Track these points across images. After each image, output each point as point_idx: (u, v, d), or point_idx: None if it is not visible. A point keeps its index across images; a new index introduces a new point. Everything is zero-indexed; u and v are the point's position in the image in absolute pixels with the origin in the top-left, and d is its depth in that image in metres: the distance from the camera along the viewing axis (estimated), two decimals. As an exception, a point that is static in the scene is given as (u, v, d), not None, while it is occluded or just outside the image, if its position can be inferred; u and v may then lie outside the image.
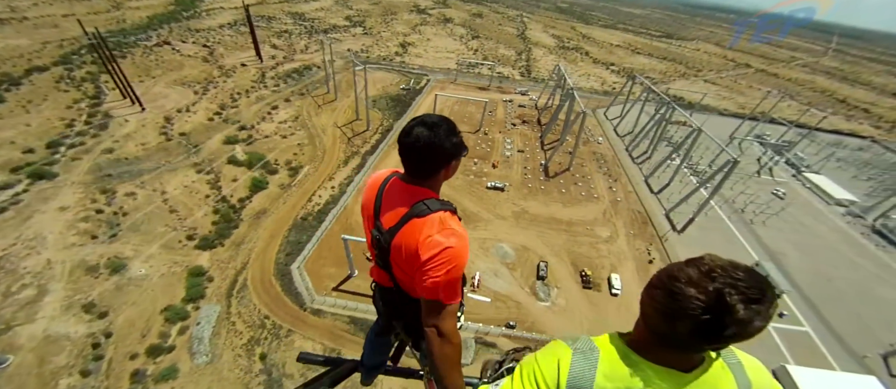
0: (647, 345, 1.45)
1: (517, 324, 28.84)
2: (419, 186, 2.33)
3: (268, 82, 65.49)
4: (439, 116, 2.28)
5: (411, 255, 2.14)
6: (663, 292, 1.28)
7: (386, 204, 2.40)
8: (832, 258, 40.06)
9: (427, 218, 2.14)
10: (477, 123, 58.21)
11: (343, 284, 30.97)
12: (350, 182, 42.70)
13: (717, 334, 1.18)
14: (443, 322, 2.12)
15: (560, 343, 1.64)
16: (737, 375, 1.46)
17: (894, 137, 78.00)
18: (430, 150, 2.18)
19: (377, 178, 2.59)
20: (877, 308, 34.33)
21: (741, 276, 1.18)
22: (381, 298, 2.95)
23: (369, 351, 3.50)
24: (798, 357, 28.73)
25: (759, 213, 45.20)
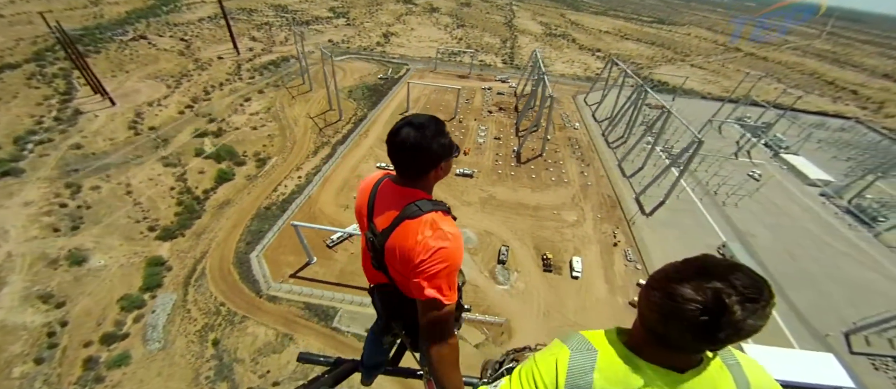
0: (646, 345, 1.45)
1: (472, 308, 28.87)
2: (410, 187, 2.30)
3: (243, 74, 64.94)
4: (427, 117, 2.24)
5: (405, 257, 2.14)
6: (661, 293, 1.27)
7: (379, 207, 2.38)
8: (801, 238, 39.92)
9: (419, 220, 2.12)
10: (452, 111, 57.74)
11: (301, 271, 30.98)
12: (317, 171, 42.51)
13: (714, 334, 1.19)
14: (437, 321, 2.11)
15: (559, 343, 1.63)
16: (735, 375, 1.45)
17: (880, 118, 77.32)
18: (417, 151, 2.15)
19: (369, 181, 2.56)
20: (842, 287, 34.29)
21: (738, 276, 1.17)
22: (379, 299, 2.93)
23: (369, 352, 3.48)
24: (757, 336, 28.75)
25: (732, 195, 44.97)
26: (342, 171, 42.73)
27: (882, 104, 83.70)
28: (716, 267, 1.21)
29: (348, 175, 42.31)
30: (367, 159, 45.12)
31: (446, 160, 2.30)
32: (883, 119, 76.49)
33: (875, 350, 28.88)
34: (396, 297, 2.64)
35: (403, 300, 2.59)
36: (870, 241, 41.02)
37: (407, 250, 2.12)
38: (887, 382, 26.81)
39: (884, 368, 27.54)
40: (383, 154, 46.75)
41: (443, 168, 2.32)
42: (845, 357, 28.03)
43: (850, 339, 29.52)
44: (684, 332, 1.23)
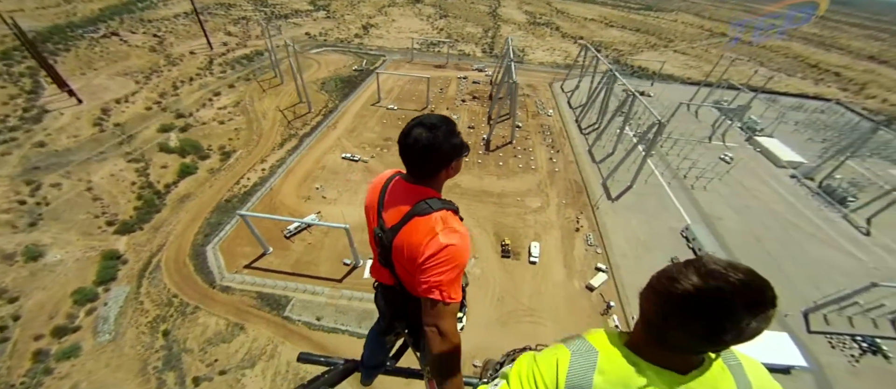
0: (647, 346, 1.44)
1: (426, 293, 28.86)
2: (421, 186, 2.33)
3: (214, 69, 64.19)
4: (439, 117, 2.25)
5: (412, 254, 2.15)
6: (663, 294, 1.27)
7: (388, 203, 2.40)
8: (768, 220, 39.94)
9: (429, 217, 2.14)
10: (425, 101, 57.29)
11: (256, 262, 30.88)
12: (282, 163, 42.23)
13: (716, 335, 1.18)
14: (442, 321, 2.10)
15: (559, 344, 1.63)
16: (737, 376, 1.44)
17: (861, 99, 77.13)
18: (429, 152, 2.17)
19: (380, 179, 2.58)
20: (805, 266, 34.39)
21: (741, 278, 1.15)
22: (382, 297, 2.93)
23: (370, 351, 3.47)
24: None
25: (701, 178, 44.90)
26: (306, 163, 42.44)
27: (864, 85, 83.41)
28: (719, 268, 1.19)
29: (312, 166, 42.03)
30: (333, 150, 44.81)
31: (457, 159, 2.30)
32: (863, 100, 76.27)
33: (833, 328, 29.05)
34: (401, 296, 2.64)
35: (408, 299, 2.59)
36: (837, 222, 41.11)
37: (415, 247, 2.13)
38: (842, 359, 26.97)
39: (840, 346, 27.70)
40: (350, 145, 46.51)
41: (453, 167, 2.34)
42: (802, 336, 28.23)
43: (808, 318, 29.66)
44: (687, 333, 1.23)
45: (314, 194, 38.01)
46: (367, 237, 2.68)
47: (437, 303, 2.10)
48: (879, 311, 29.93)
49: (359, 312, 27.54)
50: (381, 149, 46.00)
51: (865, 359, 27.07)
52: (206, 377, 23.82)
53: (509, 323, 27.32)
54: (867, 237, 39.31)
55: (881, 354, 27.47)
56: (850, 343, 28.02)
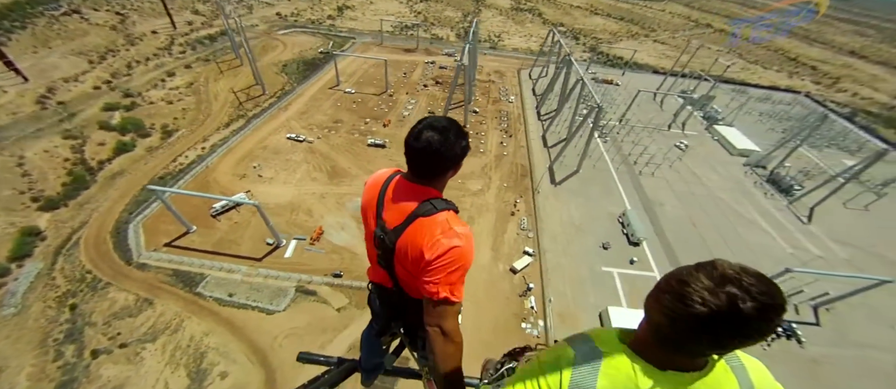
0: (652, 348, 1.42)
1: (344, 274, 28.67)
2: (424, 186, 2.31)
3: (174, 49, 62.75)
4: (447, 119, 2.24)
5: (418, 255, 2.13)
6: (673, 296, 1.26)
7: (389, 204, 2.37)
8: (710, 207, 39.84)
9: (433, 218, 2.13)
10: (384, 85, 56.39)
11: (178, 240, 30.49)
12: (224, 142, 41.54)
13: (726, 339, 1.19)
14: (446, 321, 2.09)
15: (563, 344, 1.62)
16: (740, 378, 1.43)
17: (831, 92, 76.78)
18: (439, 155, 2.16)
19: (379, 178, 2.59)
20: (738, 252, 34.32)
21: (753, 281, 1.16)
22: (378, 299, 2.88)
23: (366, 354, 3.45)
24: (635, 301, 28.79)
25: (650, 164, 44.65)
26: (249, 143, 41.75)
27: (838, 79, 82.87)
28: (729, 270, 1.19)
29: (254, 146, 41.36)
30: (279, 131, 44.07)
31: (460, 163, 2.30)
32: (834, 93, 75.91)
33: None
34: (398, 297, 2.62)
35: (405, 300, 2.58)
36: (781, 209, 41.12)
37: (419, 247, 2.11)
38: (755, 347, 27.10)
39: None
40: (298, 126, 45.81)
41: (457, 168, 2.33)
42: None
43: None
44: (694, 336, 1.22)
45: (250, 173, 37.46)
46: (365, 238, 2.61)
47: (441, 304, 2.09)
48: (801, 297, 30.03)
49: (273, 290, 27.31)
50: (329, 130, 45.31)
51: (778, 344, 27.20)
52: (106, 349, 23.61)
53: (424, 302, 27.16)
54: (807, 225, 39.39)
55: (795, 339, 27.64)
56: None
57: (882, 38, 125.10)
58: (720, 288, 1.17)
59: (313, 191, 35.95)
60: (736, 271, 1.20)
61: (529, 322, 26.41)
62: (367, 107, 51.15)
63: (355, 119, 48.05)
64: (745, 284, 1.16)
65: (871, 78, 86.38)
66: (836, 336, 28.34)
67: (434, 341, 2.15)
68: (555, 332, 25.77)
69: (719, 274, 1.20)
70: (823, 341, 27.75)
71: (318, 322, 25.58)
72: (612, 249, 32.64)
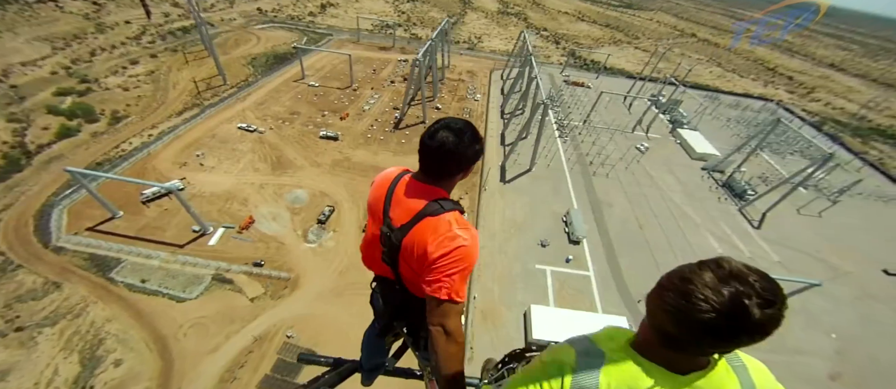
0: (653, 347, 1.41)
1: (266, 263, 28.03)
2: (433, 186, 2.29)
3: (144, 39, 62.36)
4: (464, 122, 2.23)
5: (422, 254, 2.13)
6: (676, 295, 1.23)
7: (396, 202, 2.36)
8: (660, 209, 39.45)
9: (440, 217, 2.13)
10: (349, 80, 56.11)
11: (102, 225, 29.78)
12: (173, 130, 40.96)
13: (729, 338, 1.17)
14: (449, 320, 2.10)
15: (565, 345, 1.61)
16: (741, 378, 1.43)
17: (805, 101, 77.11)
18: (453, 156, 2.16)
19: (387, 176, 2.53)
20: (680, 255, 33.91)
21: (756, 280, 1.15)
22: (381, 297, 2.87)
23: (367, 354, 3.44)
24: (564, 299, 28.19)
25: (605, 165, 44.36)
26: (197, 131, 41.19)
27: (812, 90, 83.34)
28: (733, 268, 1.17)
29: (202, 134, 40.81)
30: (232, 120, 43.56)
31: (472, 165, 2.26)
32: (807, 102, 76.22)
33: None
34: (401, 296, 2.61)
35: (408, 299, 2.57)
36: (732, 214, 40.79)
37: (425, 246, 2.11)
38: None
39: None
40: (253, 116, 45.34)
41: (469, 170, 2.30)
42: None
43: None
44: (698, 335, 1.20)
45: (192, 161, 36.85)
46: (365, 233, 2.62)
47: (444, 303, 2.09)
48: None
49: (188, 277, 26.62)
50: (284, 121, 44.84)
51: None
52: (1, 332, 22.79)
53: (345, 294, 26.55)
54: (756, 229, 39.05)
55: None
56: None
57: (864, 53, 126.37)
58: (724, 285, 1.13)
59: (253, 180, 35.37)
60: (740, 268, 1.17)
61: (449, 317, 25.73)
62: (328, 101, 50.77)
63: (313, 111, 47.64)
64: (749, 281, 1.13)
65: (846, 89, 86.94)
66: (771, 341, 27.54)
67: (437, 340, 2.14)
68: (473, 329, 25.14)
69: (724, 272, 1.16)
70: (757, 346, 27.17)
71: (228, 311, 24.88)
72: (550, 247, 32.12)
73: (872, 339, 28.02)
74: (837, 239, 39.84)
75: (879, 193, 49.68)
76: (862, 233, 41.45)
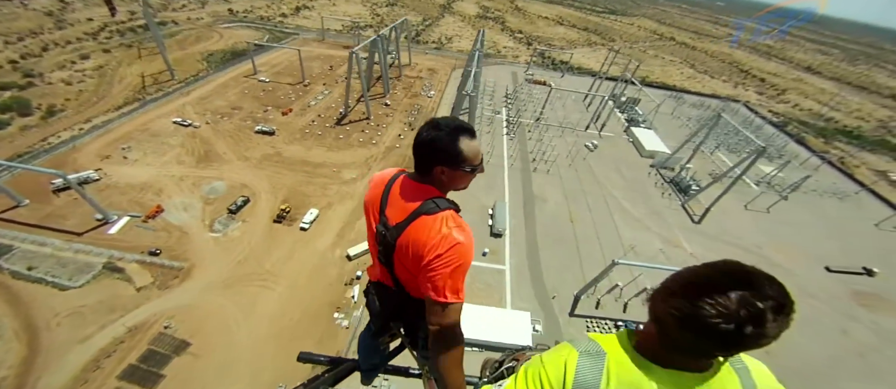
0: (657, 349, 1.40)
1: (163, 252, 27.21)
2: (425, 184, 2.27)
3: (101, 35, 62.34)
4: (453, 119, 2.23)
5: (418, 252, 2.11)
6: (683, 299, 1.21)
7: (393, 201, 2.33)
8: (597, 204, 38.62)
9: (435, 216, 2.11)
10: (300, 75, 55.81)
11: (4, 213, 29.02)
12: (106, 124, 40.43)
13: (735, 343, 1.15)
14: (447, 320, 2.10)
15: (567, 345, 1.59)
16: (743, 379, 1.43)
17: (773, 103, 76.69)
18: (431, 149, 2.17)
19: (384, 176, 2.49)
20: (609, 250, 32.88)
21: (764, 283, 1.14)
22: (377, 297, 2.75)
23: (364, 355, 3.38)
24: (473, 293, 26.98)
25: (548, 162, 43.67)
26: (130, 126, 40.68)
27: (783, 91, 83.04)
28: (741, 273, 1.15)
29: (135, 128, 40.28)
30: (169, 115, 43.06)
31: (451, 166, 2.17)
32: (775, 104, 75.80)
33: (604, 312, 27.53)
34: (398, 296, 2.58)
35: (405, 299, 2.54)
36: (674, 209, 39.96)
37: (421, 245, 2.10)
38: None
39: (595, 329, 26.17)
40: (192, 111, 45.01)
41: (451, 174, 2.22)
42: (562, 318, 26.76)
43: (579, 300, 28.09)
44: (704, 339, 1.17)
45: (116, 154, 36.24)
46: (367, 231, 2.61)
47: (442, 302, 2.07)
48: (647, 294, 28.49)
49: (79, 265, 25.79)
50: (223, 116, 44.36)
51: None
52: None
53: (236, 285, 25.66)
54: (696, 224, 38.17)
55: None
56: (610, 325, 26.48)
57: (844, 58, 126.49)
58: (731, 290, 1.12)
59: (174, 173, 34.69)
60: (747, 273, 1.14)
61: (343, 312, 24.82)
62: (275, 96, 50.37)
63: (256, 107, 47.18)
64: (757, 286, 1.11)
65: (818, 91, 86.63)
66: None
67: (436, 339, 2.13)
68: (364, 325, 24.17)
69: (730, 276, 1.14)
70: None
71: (111, 300, 23.98)
72: (469, 240, 31.22)
73: (807, 342, 26.54)
74: (782, 235, 38.94)
75: (835, 190, 48.86)
76: (810, 230, 40.59)
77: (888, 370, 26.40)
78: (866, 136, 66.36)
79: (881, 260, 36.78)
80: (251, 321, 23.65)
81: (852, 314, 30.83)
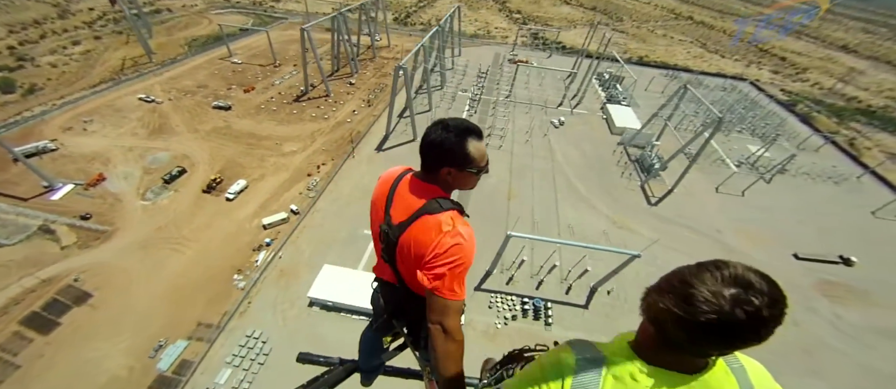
0: (652, 348, 1.44)
1: (94, 217, 28.62)
2: (430, 184, 2.35)
3: (98, 24, 65.92)
4: (463, 121, 2.28)
5: (419, 251, 2.19)
6: (677, 297, 1.23)
7: (397, 200, 2.42)
8: (545, 181, 36.64)
9: (438, 216, 2.18)
10: (272, 57, 56.56)
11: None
12: (80, 99, 42.85)
13: (730, 341, 1.18)
14: (448, 319, 2.16)
15: (565, 347, 1.65)
16: (739, 379, 1.44)
17: (788, 82, 69.48)
18: (438, 149, 2.22)
19: (391, 174, 2.60)
20: (540, 227, 31.37)
21: (757, 281, 1.15)
22: (382, 295, 2.97)
23: (366, 355, 3.57)
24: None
25: (505, 138, 41.95)
26: (98, 102, 42.91)
27: (805, 70, 74.93)
28: (734, 271, 1.17)
29: (102, 104, 42.47)
30: (137, 93, 44.95)
31: (458, 168, 2.23)
32: (790, 83, 68.60)
33: (513, 288, 26.26)
34: (401, 294, 2.67)
35: (409, 297, 2.62)
36: (631, 189, 37.29)
37: (422, 244, 2.15)
38: (488, 320, 24.11)
39: (496, 306, 25.00)
40: (160, 89, 46.75)
41: (457, 175, 2.27)
42: (468, 292, 25.75)
43: (490, 275, 26.86)
44: (698, 338, 1.20)
45: (77, 126, 38.39)
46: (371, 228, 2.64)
47: (442, 301, 2.12)
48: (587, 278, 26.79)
49: (18, 226, 27.60)
50: (186, 94, 45.85)
51: (521, 322, 24.36)
52: None
53: (150, 248, 26.59)
54: (652, 206, 35.43)
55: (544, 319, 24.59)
56: (518, 304, 25.14)
57: (891, 37, 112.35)
58: (726, 288, 1.13)
59: (125, 144, 36.32)
60: (741, 271, 1.15)
61: (243, 275, 25.14)
62: (243, 76, 51.42)
63: (221, 85, 48.38)
64: (751, 284, 1.12)
65: (847, 71, 77.50)
66: (601, 321, 25.03)
67: (436, 339, 2.15)
68: (262, 285, 24.38)
69: (725, 274, 1.15)
70: (578, 325, 24.60)
71: (36, 257, 25.56)
72: (392, 213, 30.64)
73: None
74: (752, 219, 35.41)
75: (832, 173, 43.77)
76: (788, 215, 36.66)
77: (830, 367, 23.60)
78: (892, 118, 58.82)
79: (866, 250, 32.73)
80: (153, 280, 24.45)
81: (811, 304, 27.68)
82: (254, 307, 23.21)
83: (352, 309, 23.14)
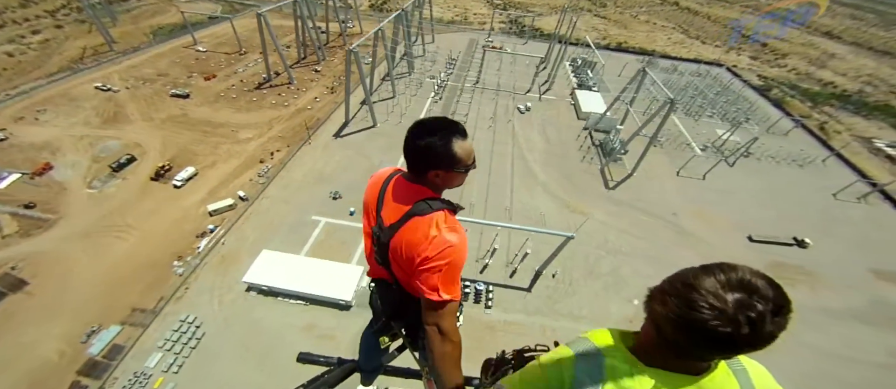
0: (653, 350, 1.41)
1: (38, 205, 28.26)
2: (419, 184, 2.31)
3: (60, 14, 64.17)
4: (446, 120, 2.23)
5: (411, 253, 2.17)
6: (679, 301, 1.20)
7: (388, 201, 2.39)
8: (502, 166, 36.46)
9: (428, 217, 2.15)
10: (238, 45, 55.48)
11: None
12: (35, 89, 41.93)
13: (733, 346, 1.15)
14: (443, 319, 2.13)
15: (565, 348, 1.61)
16: (741, 381, 1.41)
17: (765, 67, 69.17)
18: (422, 151, 2.16)
19: (381, 175, 2.57)
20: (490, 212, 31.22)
21: (761, 285, 1.13)
22: (379, 296, 2.94)
23: (366, 355, 3.55)
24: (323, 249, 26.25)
25: (464, 124, 41.47)
26: (53, 91, 41.99)
27: (784, 55, 74.51)
28: (739, 275, 1.15)
29: (57, 94, 41.61)
30: (92, 82, 44.00)
31: (446, 169, 2.18)
32: (767, 68, 68.28)
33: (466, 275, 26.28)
34: (398, 295, 2.65)
35: (405, 298, 2.60)
36: (590, 173, 37.25)
37: (413, 246, 2.13)
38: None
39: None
40: (118, 78, 45.84)
41: (445, 175, 2.23)
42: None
43: None
44: (701, 342, 1.17)
45: (30, 116, 37.67)
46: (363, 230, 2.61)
47: (437, 302, 2.09)
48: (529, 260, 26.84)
49: (-43, 215, 27.20)
50: (146, 82, 44.99)
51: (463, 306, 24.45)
52: None
53: (93, 236, 26.36)
54: (609, 190, 35.43)
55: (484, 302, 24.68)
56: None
57: (877, 23, 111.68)
58: (729, 292, 1.10)
59: (76, 133, 35.70)
60: (746, 275, 1.13)
61: (183, 262, 24.98)
62: (206, 64, 50.45)
63: (183, 73, 47.49)
64: (755, 288, 1.10)
65: (828, 57, 77.22)
66: (541, 304, 25.16)
67: (432, 339, 2.14)
68: (201, 271, 24.24)
69: (729, 278, 1.13)
70: (518, 308, 24.71)
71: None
72: (343, 200, 30.38)
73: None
74: (710, 202, 35.55)
75: (798, 156, 43.84)
76: (747, 197, 36.85)
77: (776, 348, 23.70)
78: (867, 102, 58.85)
79: (822, 232, 33.06)
80: (93, 267, 24.28)
81: (755, 284, 27.92)
82: (191, 292, 23.13)
83: (289, 294, 23.16)
